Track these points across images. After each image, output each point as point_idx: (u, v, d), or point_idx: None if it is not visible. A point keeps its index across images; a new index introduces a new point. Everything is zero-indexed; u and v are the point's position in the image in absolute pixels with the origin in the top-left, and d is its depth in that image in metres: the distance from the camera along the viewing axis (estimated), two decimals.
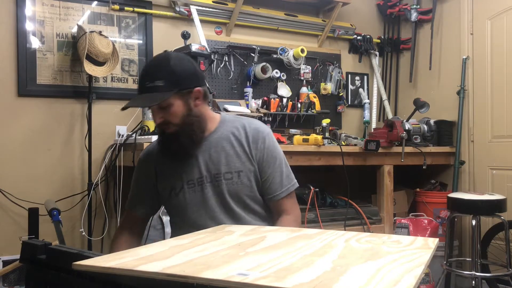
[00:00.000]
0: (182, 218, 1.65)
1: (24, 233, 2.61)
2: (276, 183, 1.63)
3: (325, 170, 3.34)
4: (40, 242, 1.05)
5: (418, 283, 0.80)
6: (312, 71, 3.70)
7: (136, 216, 1.71)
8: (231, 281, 0.75)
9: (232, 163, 1.60)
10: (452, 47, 3.62)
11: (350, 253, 0.99)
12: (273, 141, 1.66)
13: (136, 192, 1.72)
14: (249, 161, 1.61)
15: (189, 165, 1.61)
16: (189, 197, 1.61)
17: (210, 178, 1.60)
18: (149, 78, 1.48)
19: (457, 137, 3.45)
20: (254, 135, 1.62)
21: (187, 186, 1.61)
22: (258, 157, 1.61)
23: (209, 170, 1.60)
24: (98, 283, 0.90)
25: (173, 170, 1.63)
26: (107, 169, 2.89)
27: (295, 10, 3.67)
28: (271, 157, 1.62)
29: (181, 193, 1.61)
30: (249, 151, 1.61)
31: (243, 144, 1.61)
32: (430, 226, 3.22)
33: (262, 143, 1.62)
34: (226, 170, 1.59)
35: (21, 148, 2.77)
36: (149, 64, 1.58)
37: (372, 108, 3.96)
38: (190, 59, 1.61)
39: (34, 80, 2.79)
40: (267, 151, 1.62)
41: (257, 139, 1.62)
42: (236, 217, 1.60)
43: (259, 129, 1.65)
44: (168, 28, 3.20)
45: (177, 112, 1.50)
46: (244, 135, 1.63)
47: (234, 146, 1.61)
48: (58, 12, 2.87)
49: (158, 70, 1.49)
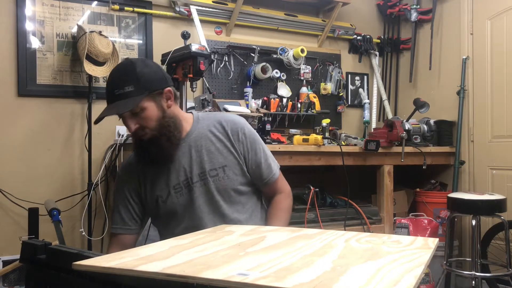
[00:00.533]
0: (171, 226, 1.62)
1: (24, 233, 2.61)
2: (267, 168, 1.67)
3: (325, 170, 3.34)
4: (40, 242, 1.05)
5: (418, 283, 0.80)
6: (312, 71, 3.70)
7: (125, 239, 1.63)
8: (231, 281, 0.75)
9: (215, 159, 1.59)
10: (452, 47, 3.62)
11: (350, 253, 0.99)
12: (250, 129, 1.67)
13: (123, 212, 1.63)
14: (231, 155, 1.61)
15: (172, 169, 1.59)
16: (178, 201, 1.59)
17: (197, 178, 1.59)
18: (117, 85, 1.44)
19: (457, 137, 3.45)
20: (233, 128, 1.62)
21: (174, 191, 1.59)
22: (243, 148, 1.62)
23: (193, 170, 1.58)
24: (98, 283, 0.90)
25: (156, 178, 1.60)
26: (107, 169, 2.89)
27: (295, 10, 3.67)
28: (254, 144, 1.64)
29: (169, 199, 1.59)
30: (230, 145, 1.61)
31: (223, 140, 1.61)
32: (430, 226, 3.22)
33: (242, 134, 1.63)
34: (210, 167, 1.58)
35: (21, 148, 2.77)
36: (115, 72, 1.51)
37: (372, 108, 3.96)
38: (153, 61, 1.61)
39: (34, 80, 2.79)
40: (249, 139, 1.64)
41: (237, 131, 1.62)
42: (222, 214, 1.60)
43: (235, 121, 1.65)
44: (168, 28, 3.21)
45: (151, 116, 1.48)
46: (222, 130, 1.62)
47: (213, 142, 1.60)
48: (58, 12, 2.87)
49: (125, 76, 1.45)
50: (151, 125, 1.49)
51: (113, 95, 1.45)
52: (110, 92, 1.47)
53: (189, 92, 2.91)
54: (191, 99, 2.99)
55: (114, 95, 1.45)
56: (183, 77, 2.82)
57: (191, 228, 1.50)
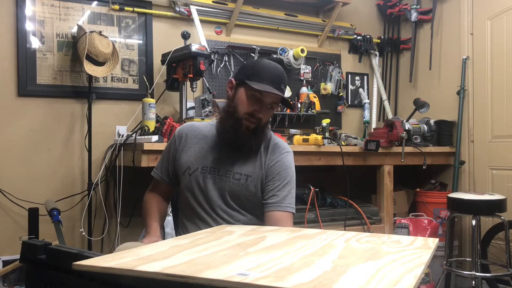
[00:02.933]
0: (187, 200, 1.70)
1: (24, 233, 2.62)
2: (281, 196, 1.63)
3: (325, 170, 3.34)
4: (40, 242, 1.05)
5: (418, 283, 0.80)
6: (312, 71, 3.70)
7: (160, 185, 1.79)
8: (231, 281, 0.75)
9: (244, 166, 1.64)
10: (452, 47, 3.62)
11: (350, 253, 0.99)
12: (291, 161, 1.70)
13: (163, 162, 1.78)
14: (259, 168, 1.65)
15: (214, 153, 1.67)
16: (197, 180, 1.66)
17: (221, 172, 1.64)
18: (283, 82, 1.61)
19: (457, 137, 3.45)
20: (275, 148, 1.69)
21: (201, 171, 1.66)
22: (269, 165, 1.65)
23: (226, 164, 1.65)
24: (98, 283, 0.90)
25: (199, 152, 1.68)
26: (107, 169, 2.89)
27: (295, 10, 3.67)
28: (284, 172, 1.66)
29: (193, 175, 1.66)
30: (264, 160, 1.66)
31: (261, 152, 1.66)
32: (430, 226, 3.22)
33: (278, 155, 1.67)
34: (237, 170, 1.64)
35: (21, 148, 2.77)
36: (280, 70, 1.64)
37: (372, 108, 3.96)
38: None
39: (34, 80, 2.79)
40: (282, 164, 1.66)
41: (276, 151, 1.68)
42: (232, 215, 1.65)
43: (282, 145, 1.72)
44: (168, 28, 3.20)
45: (271, 115, 1.66)
46: (265, 146, 1.69)
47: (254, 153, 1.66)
48: (58, 12, 2.86)
49: (285, 78, 1.64)
50: (263, 120, 1.61)
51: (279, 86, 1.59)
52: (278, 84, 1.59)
53: (189, 92, 2.92)
54: (191, 99, 2.99)
55: (279, 87, 1.59)
56: (183, 77, 2.82)
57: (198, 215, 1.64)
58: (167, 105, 3.16)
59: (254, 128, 1.59)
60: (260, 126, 1.60)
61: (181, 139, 1.73)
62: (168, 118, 2.80)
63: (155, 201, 1.78)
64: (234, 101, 1.62)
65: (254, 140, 1.61)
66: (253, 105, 1.58)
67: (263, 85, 1.56)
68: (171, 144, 1.75)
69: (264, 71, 1.59)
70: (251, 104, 1.58)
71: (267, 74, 1.58)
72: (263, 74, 1.58)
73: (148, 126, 2.68)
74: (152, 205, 1.76)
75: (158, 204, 1.78)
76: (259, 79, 1.57)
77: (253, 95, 1.57)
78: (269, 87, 1.56)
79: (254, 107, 1.58)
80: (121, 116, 3.00)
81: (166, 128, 2.66)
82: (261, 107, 1.58)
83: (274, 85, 1.57)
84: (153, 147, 2.43)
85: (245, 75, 1.60)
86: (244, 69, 1.67)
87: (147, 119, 2.72)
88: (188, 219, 1.71)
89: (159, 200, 1.80)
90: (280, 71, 1.63)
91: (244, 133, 1.59)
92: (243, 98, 1.59)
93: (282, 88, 1.60)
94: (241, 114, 1.59)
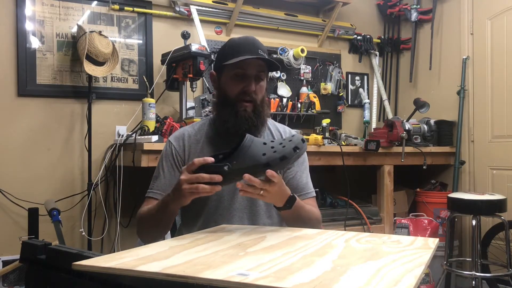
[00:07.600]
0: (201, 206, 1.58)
1: (24, 233, 2.61)
2: (303, 183, 1.62)
3: (325, 170, 3.34)
4: (40, 242, 1.04)
5: (418, 283, 0.80)
6: (312, 71, 3.70)
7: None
8: (231, 281, 0.75)
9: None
10: (452, 47, 3.62)
11: (350, 253, 0.99)
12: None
13: (168, 178, 1.57)
14: None
15: (212, 149, 1.57)
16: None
17: None
18: (260, 48, 1.51)
19: (457, 137, 3.45)
20: (287, 132, 1.68)
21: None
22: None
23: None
24: (98, 283, 0.90)
25: (200, 152, 1.57)
26: (107, 169, 2.89)
27: (295, 10, 3.67)
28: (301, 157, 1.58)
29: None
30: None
31: (275, 137, 1.63)
32: (430, 226, 3.22)
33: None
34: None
35: (21, 148, 2.77)
36: (252, 38, 1.56)
37: (372, 108, 3.96)
38: None
39: (34, 80, 2.79)
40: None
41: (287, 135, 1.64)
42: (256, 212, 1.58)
43: (290, 130, 1.71)
44: (168, 28, 3.20)
45: (264, 87, 1.54)
46: (276, 130, 1.66)
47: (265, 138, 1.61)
48: (58, 12, 2.86)
49: (260, 44, 1.54)
50: (259, 96, 1.52)
51: (256, 53, 1.49)
52: (254, 49, 1.49)
53: (189, 92, 2.92)
54: (191, 99, 2.99)
55: (257, 52, 1.49)
56: (183, 77, 2.82)
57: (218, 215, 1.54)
58: (167, 105, 3.16)
59: (253, 109, 1.51)
60: (257, 104, 1.52)
61: (180, 145, 1.61)
62: (168, 118, 2.80)
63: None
64: (221, 90, 1.56)
65: (257, 119, 1.52)
66: (240, 83, 1.50)
67: (239, 57, 1.47)
68: (172, 155, 1.59)
69: (236, 46, 1.52)
70: (237, 83, 1.50)
71: (240, 47, 1.50)
72: (236, 49, 1.50)
73: (148, 126, 2.68)
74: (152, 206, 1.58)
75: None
76: (234, 55, 1.48)
77: (235, 74, 1.50)
78: (246, 57, 1.47)
79: (241, 84, 1.50)
80: (121, 116, 3.00)
81: (166, 128, 2.67)
82: (249, 82, 1.50)
83: (252, 54, 1.48)
84: (153, 147, 2.43)
85: (220, 60, 1.55)
86: (218, 56, 1.60)
87: (147, 119, 2.72)
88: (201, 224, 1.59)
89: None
90: (252, 39, 1.55)
91: (245, 117, 1.50)
92: (228, 81, 1.52)
93: (261, 53, 1.49)
94: (233, 97, 1.51)
